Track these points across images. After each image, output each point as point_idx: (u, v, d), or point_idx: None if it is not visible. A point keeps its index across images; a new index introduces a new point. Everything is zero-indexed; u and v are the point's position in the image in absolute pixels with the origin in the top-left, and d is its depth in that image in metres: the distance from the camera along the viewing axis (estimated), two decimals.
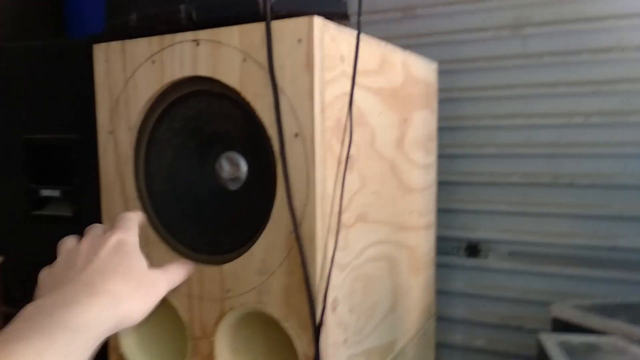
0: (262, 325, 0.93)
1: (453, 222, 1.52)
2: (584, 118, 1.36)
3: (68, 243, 0.61)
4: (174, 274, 0.64)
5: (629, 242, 1.34)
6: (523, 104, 1.42)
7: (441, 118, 1.42)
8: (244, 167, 0.87)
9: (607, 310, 1.14)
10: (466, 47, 1.47)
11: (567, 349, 0.98)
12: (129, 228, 0.62)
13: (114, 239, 0.59)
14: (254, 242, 0.83)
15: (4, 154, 1.21)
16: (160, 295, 0.59)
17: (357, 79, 0.86)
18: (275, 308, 0.83)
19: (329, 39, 0.78)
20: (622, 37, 1.32)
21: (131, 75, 0.90)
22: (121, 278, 0.54)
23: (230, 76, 0.81)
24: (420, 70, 1.23)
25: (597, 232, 1.37)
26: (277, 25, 0.76)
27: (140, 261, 0.59)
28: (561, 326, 1.14)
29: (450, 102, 1.48)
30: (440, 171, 1.45)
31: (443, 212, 1.50)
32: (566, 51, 1.37)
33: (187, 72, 0.84)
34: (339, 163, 0.84)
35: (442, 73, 1.39)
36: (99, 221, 0.99)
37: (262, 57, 0.77)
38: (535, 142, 1.42)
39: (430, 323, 1.41)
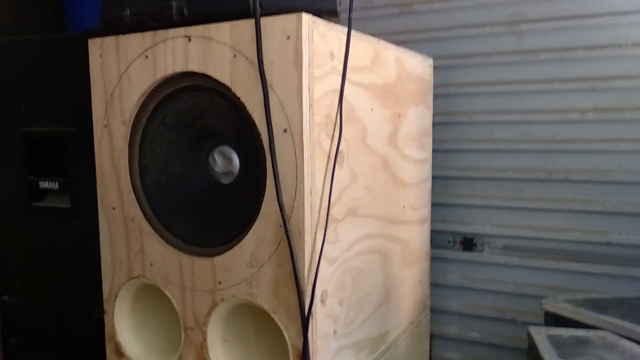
0: (252, 317, 0.95)
1: (448, 216, 1.54)
2: (580, 114, 1.37)
3: None
4: None
5: (622, 238, 1.35)
6: (519, 100, 1.43)
7: (436, 113, 1.42)
8: (236, 161, 0.89)
9: (599, 305, 1.15)
10: (462, 43, 1.47)
11: (557, 342, 1.00)
12: None
13: None
14: (245, 235, 0.85)
15: (4, 147, 1.24)
16: None
17: (348, 75, 0.87)
18: (264, 300, 0.84)
19: (318, 36, 0.79)
20: (619, 34, 1.32)
21: (125, 70, 0.91)
22: None
23: (221, 72, 0.82)
24: (415, 66, 1.24)
25: (591, 228, 1.38)
26: (267, 21, 0.77)
27: None
28: (553, 320, 1.16)
29: (445, 98, 1.48)
30: (436, 166, 1.46)
31: (438, 206, 1.51)
32: (562, 48, 1.37)
33: (180, 67, 0.86)
34: (328, 158, 0.85)
35: (437, 69, 1.40)
36: (96, 213, 1.01)
37: (252, 54, 0.78)
38: (531, 137, 1.42)
39: (424, 315, 1.43)
